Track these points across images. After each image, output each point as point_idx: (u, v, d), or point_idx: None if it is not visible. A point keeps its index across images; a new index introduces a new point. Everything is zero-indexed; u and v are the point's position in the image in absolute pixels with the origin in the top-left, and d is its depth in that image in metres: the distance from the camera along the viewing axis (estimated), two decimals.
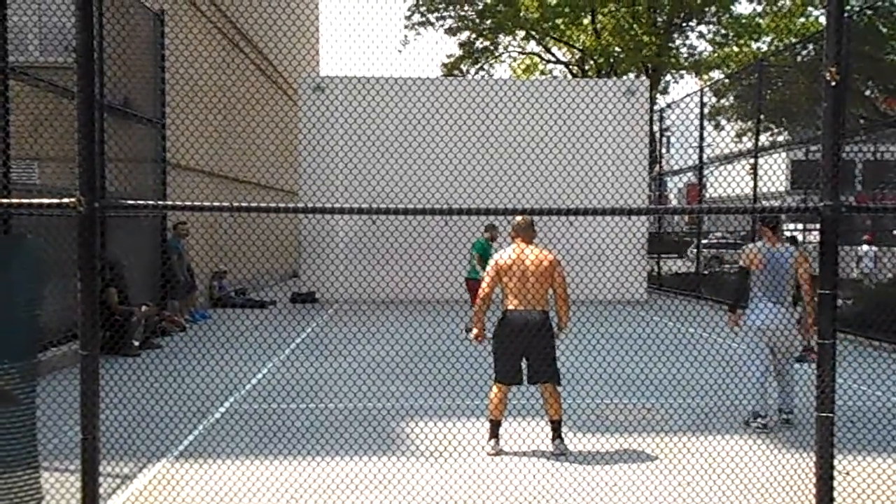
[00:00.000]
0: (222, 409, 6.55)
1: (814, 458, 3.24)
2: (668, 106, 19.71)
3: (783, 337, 6.00)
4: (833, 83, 3.16)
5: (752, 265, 6.15)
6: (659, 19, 26.79)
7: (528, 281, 5.22)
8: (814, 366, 3.30)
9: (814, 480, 3.23)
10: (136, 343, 9.22)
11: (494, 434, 5.41)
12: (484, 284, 5.42)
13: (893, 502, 4.24)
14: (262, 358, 8.88)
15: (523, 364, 5.29)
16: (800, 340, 6.55)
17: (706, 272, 17.01)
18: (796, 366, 6.41)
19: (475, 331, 5.49)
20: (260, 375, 8.01)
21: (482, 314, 5.46)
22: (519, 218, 5.46)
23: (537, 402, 6.65)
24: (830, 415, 3.21)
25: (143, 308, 9.61)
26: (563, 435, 5.38)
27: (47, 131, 8.07)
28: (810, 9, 25.22)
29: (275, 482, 4.64)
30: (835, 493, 3.22)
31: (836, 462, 3.23)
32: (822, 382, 3.23)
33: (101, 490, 3.18)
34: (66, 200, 3.08)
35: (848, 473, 4.57)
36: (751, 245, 6.63)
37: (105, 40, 9.41)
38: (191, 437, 5.69)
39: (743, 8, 77.10)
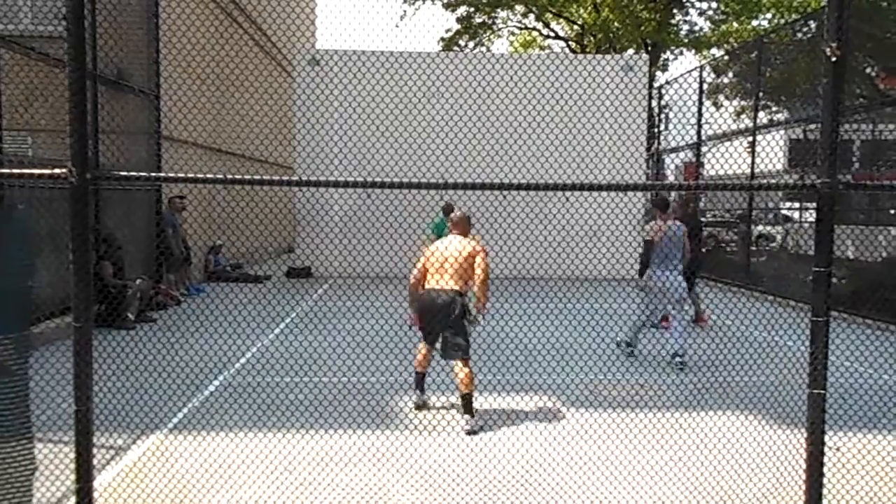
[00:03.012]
0: (217, 383, 6.57)
1: (804, 435, 3.25)
2: (668, 83, 19.59)
3: (677, 291, 7.46)
4: (833, 59, 3.13)
5: (654, 239, 7.45)
6: None
7: (445, 264, 5.65)
8: (807, 343, 3.31)
9: (804, 456, 3.26)
10: (132, 316, 9.22)
11: (420, 386, 5.90)
12: (416, 271, 5.85)
13: (882, 478, 4.28)
14: (257, 332, 8.90)
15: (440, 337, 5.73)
16: (686, 300, 7.87)
17: (702, 250, 17.01)
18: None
19: (411, 313, 5.96)
20: (255, 349, 8.02)
21: (414, 301, 5.89)
22: (456, 212, 6.04)
23: (536, 380, 6.69)
24: (822, 391, 3.22)
25: (139, 281, 9.60)
26: (474, 411, 5.45)
27: (38, 101, 7.98)
28: None
29: (269, 455, 4.66)
30: (825, 469, 3.24)
31: (826, 438, 3.25)
32: (815, 359, 3.23)
33: (94, 461, 3.19)
34: (57, 171, 3.05)
35: (838, 449, 4.61)
36: (651, 223, 7.75)
37: (98, 10, 9.28)
38: (185, 410, 5.71)
39: None
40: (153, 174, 3.74)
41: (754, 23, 26.38)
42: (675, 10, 26.84)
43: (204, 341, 6.66)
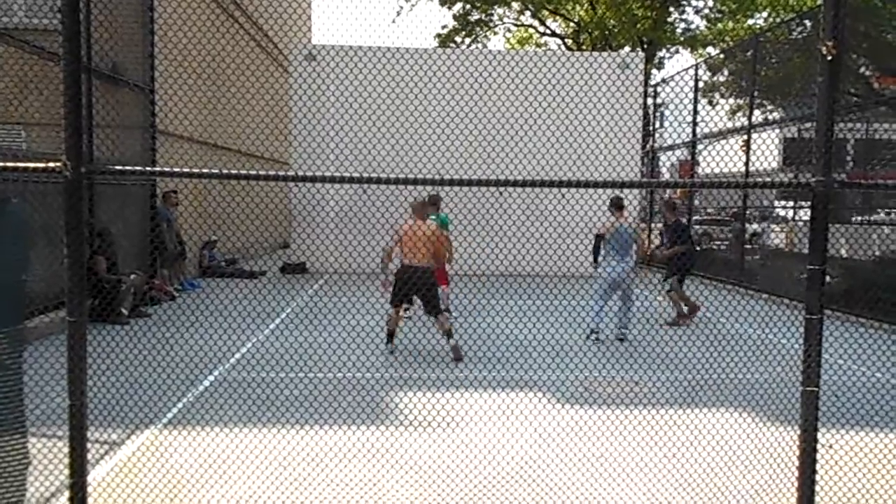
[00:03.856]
0: (211, 378, 6.56)
1: (798, 432, 3.27)
2: (663, 81, 19.61)
3: (626, 281, 8.59)
4: (829, 57, 3.14)
5: (606, 234, 8.64)
6: None
7: (417, 244, 7.33)
8: (801, 341, 3.32)
9: (797, 453, 3.27)
10: (125, 311, 9.19)
11: (390, 339, 7.68)
12: (387, 246, 7.67)
13: (874, 475, 4.30)
14: (252, 327, 8.88)
15: (416, 299, 7.59)
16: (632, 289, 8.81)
17: (696, 248, 17.04)
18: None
19: (383, 278, 7.71)
20: (249, 345, 8.01)
21: (386, 268, 7.68)
22: (417, 200, 7.65)
23: (531, 377, 6.72)
24: (816, 389, 3.24)
25: (133, 276, 9.57)
26: (453, 339, 7.41)
27: (33, 95, 7.94)
28: None
29: (263, 450, 4.66)
30: (817, 466, 3.26)
31: (819, 436, 3.26)
32: (809, 357, 3.24)
33: (88, 456, 3.18)
34: (51, 165, 3.03)
35: (831, 447, 4.64)
36: (605, 220, 8.78)
37: (93, 3, 9.23)
38: (179, 405, 5.70)
39: None
40: (148, 168, 3.73)
41: (750, 21, 26.42)
42: (671, 8, 26.85)
43: (199, 336, 6.64)
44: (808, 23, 13.71)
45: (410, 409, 5.71)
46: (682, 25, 27.97)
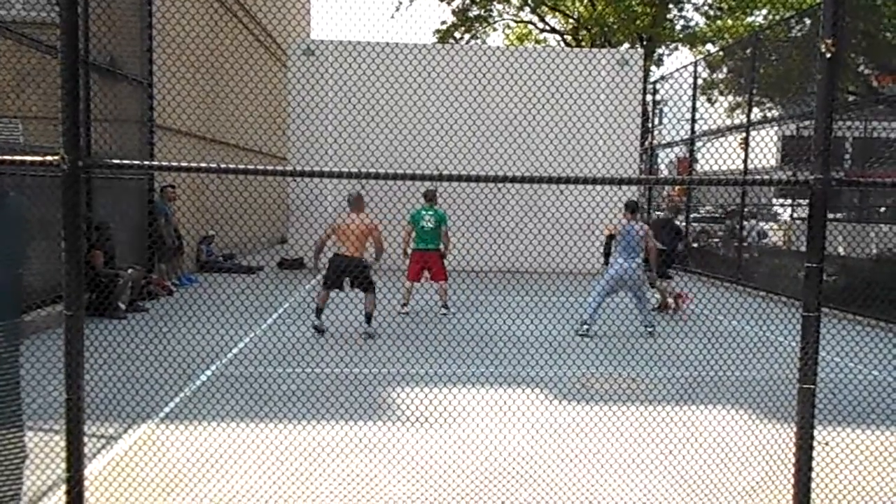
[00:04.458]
0: (208, 373, 6.56)
1: (794, 429, 3.27)
2: (662, 78, 19.60)
3: (632, 279, 8.89)
4: (829, 55, 3.14)
5: (616, 234, 9.10)
6: None
7: (350, 236, 8.15)
8: (798, 338, 3.33)
9: (793, 450, 3.28)
10: (123, 306, 9.19)
11: (318, 316, 8.42)
12: (322, 235, 8.47)
13: (870, 472, 4.31)
14: (249, 322, 8.88)
15: (346, 283, 8.32)
16: (648, 286, 9.43)
17: (694, 245, 17.08)
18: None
19: (312, 265, 8.70)
20: (247, 339, 8.01)
21: (318, 256, 8.47)
22: (352, 195, 8.40)
23: (528, 373, 6.73)
24: (812, 387, 3.24)
25: (130, 271, 9.56)
26: (372, 322, 8.36)
27: (30, 88, 7.91)
28: None
29: (260, 445, 4.66)
30: (813, 464, 3.26)
31: (815, 433, 3.27)
32: (806, 355, 3.25)
33: (85, 450, 3.18)
34: (49, 158, 3.02)
35: (827, 444, 4.65)
36: (615, 221, 9.31)
37: None
38: (176, 400, 5.70)
39: None
40: (145, 162, 3.73)
41: (749, 19, 26.40)
42: (670, 5, 26.83)
43: (196, 331, 6.64)
44: (807, 21, 13.70)
45: (408, 405, 5.71)
46: (682, 22, 27.98)
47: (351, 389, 6.09)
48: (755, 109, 13.95)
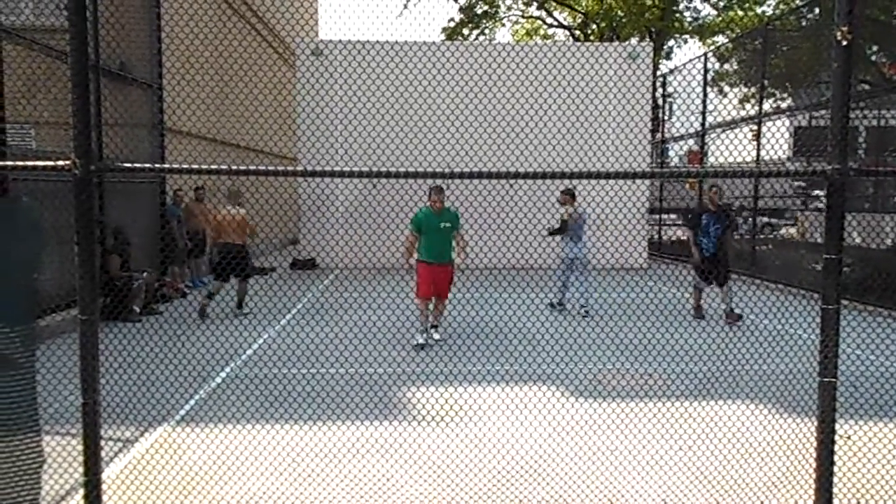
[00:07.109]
0: (223, 375, 6.57)
1: (814, 423, 3.23)
2: (671, 71, 19.47)
3: (581, 262, 9.76)
4: (844, 43, 3.08)
5: (569, 220, 9.71)
6: None
7: (231, 226, 9.29)
8: (817, 331, 3.28)
9: (814, 444, 3.23)
10: (137, 309, 9.23)
11: (210, 298, 9.36)
12: (211, 229, 9.68)
13: (893, 465, 4.25)
14: (263, 323, 8.90)
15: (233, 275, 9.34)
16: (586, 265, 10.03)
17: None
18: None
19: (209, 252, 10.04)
20: (261, 341, 8.02)
21: (214, 246, 9.54)
22: (228, 189, 9.56)
23: (543, 370, 6.70)
24: (833, 380, 3.19)
25: (144, 274, 9.60)
26: (244, 305, 9.69)
27: (41, 93, 7.96)
28: None
29: (275, 446, 4.66)
30: (835, 458, 3.22)
31: (836, 427, 3.22)
32: (826, 348, 3.20)
33: (102, 454, 3.18)
34: (61, 163, 3.03)
35: (849, 437, 4.59)
36: (566, 208, 9.73)
37: (99, 1, 9.23)
38: (192, 402, 5.71)
39: None
40: (156, 165, 3.72)
41: (759, 9, 26.19)
42: None
43: (210, 333, 6.65)
44: (817, 9, 13.56)
45: (422, 404, 5.69)
46: (691, 14, 27.78)
47: (366, 389, 6.08)
48: (767, 101, 13.82)
